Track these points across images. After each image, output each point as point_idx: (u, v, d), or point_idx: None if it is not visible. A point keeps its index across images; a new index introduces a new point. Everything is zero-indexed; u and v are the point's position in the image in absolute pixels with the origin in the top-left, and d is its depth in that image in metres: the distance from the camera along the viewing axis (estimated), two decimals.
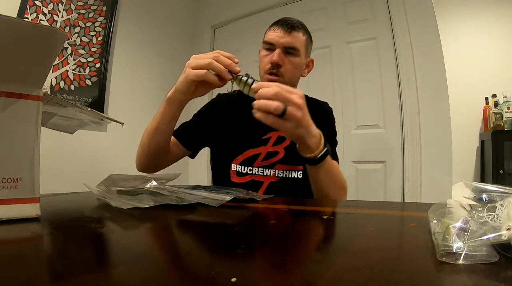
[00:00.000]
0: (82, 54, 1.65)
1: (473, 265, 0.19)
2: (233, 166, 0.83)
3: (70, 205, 0.56)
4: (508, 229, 0.19)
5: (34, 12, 1.45)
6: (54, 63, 1.52)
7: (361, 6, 1.76)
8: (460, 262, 0.19)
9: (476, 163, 2.29)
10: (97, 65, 1.72)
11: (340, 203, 0.60)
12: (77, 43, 1.64)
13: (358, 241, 0.28)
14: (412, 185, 1.54)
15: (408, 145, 1.56)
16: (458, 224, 0.22)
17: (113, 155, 1.74)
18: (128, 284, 0.18)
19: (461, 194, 0.29)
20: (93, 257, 0.24)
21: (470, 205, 0.27)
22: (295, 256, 0.24)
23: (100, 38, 1.73)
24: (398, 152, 1.60)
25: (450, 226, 0.22)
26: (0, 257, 0.23)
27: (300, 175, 0.82)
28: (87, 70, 1.67)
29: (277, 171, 0.82)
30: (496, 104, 2.14)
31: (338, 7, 1.84)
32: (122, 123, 0.62)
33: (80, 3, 1.65)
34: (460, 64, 2.28)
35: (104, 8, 1.76)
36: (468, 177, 2.28)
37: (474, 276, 0.18)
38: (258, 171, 0.82)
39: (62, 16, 1.57)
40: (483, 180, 2.19)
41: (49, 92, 0.47)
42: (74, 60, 1.62)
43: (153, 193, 0.52)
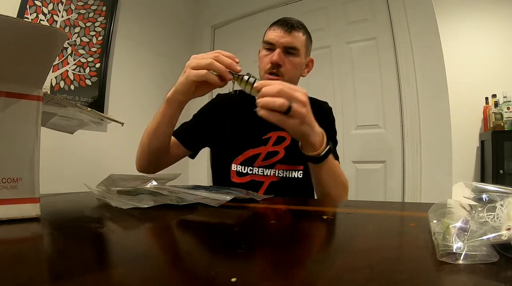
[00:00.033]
0: (82, 54, 1.65)
1: (473, 265, 0.19)
2: (233, 166, 0.83)
3: (70, 205, 0.56)
4: (508, 229, 0.19)
5: (34, 12, 1.45)
6: (54, 63, 1.52)
7: (361, 6, 1.76)
8: (460, 262, 0.19)
9: (476, 163, 2.29)
10: (97, 65, 1.72)
11: (340, 203, 0.60)
12: (77, 43, 1.64)
13: (358, 241, 0.28)
14: (412, 185, 1.54)
15: (408, 145, 1.56)
16: (458, 224, 0.22)
17: (113, 155, 1.74)
18: (128, 284, 0.18)
19: (461, 194, 0.29)
20: (93, 257, 0.24)
21: (470, 205, 0.27)
22: (295, 256, 0.24)
23: (100, 38, 1.74)
24: (398, 152, 1.60)
25: (450, 226, 0.22)
26: (0, 257, 0.23)
27: (300, 174, 0.82)
28: (87, 70, 1.67)
29: (277, 171, 0.82)
30: (496, 104, 2.14)
31: (338, 7, 1.84)
32: (122, 123, 0.62)
33: (80, 3, 1.65)
34: (460, 64, 2.28)
35: (104, 8, 1.76)
36: (468, 177, 2.28)
37: (474, 276, 0.18)
38: (258, 171, 0.82)
39: (62, 16, 1.57)
40: (483, 180, 2.19)
41: (49, 92, 0.47)
42: (74, 60, 1.62)
43: (153, 193, 0.52)
